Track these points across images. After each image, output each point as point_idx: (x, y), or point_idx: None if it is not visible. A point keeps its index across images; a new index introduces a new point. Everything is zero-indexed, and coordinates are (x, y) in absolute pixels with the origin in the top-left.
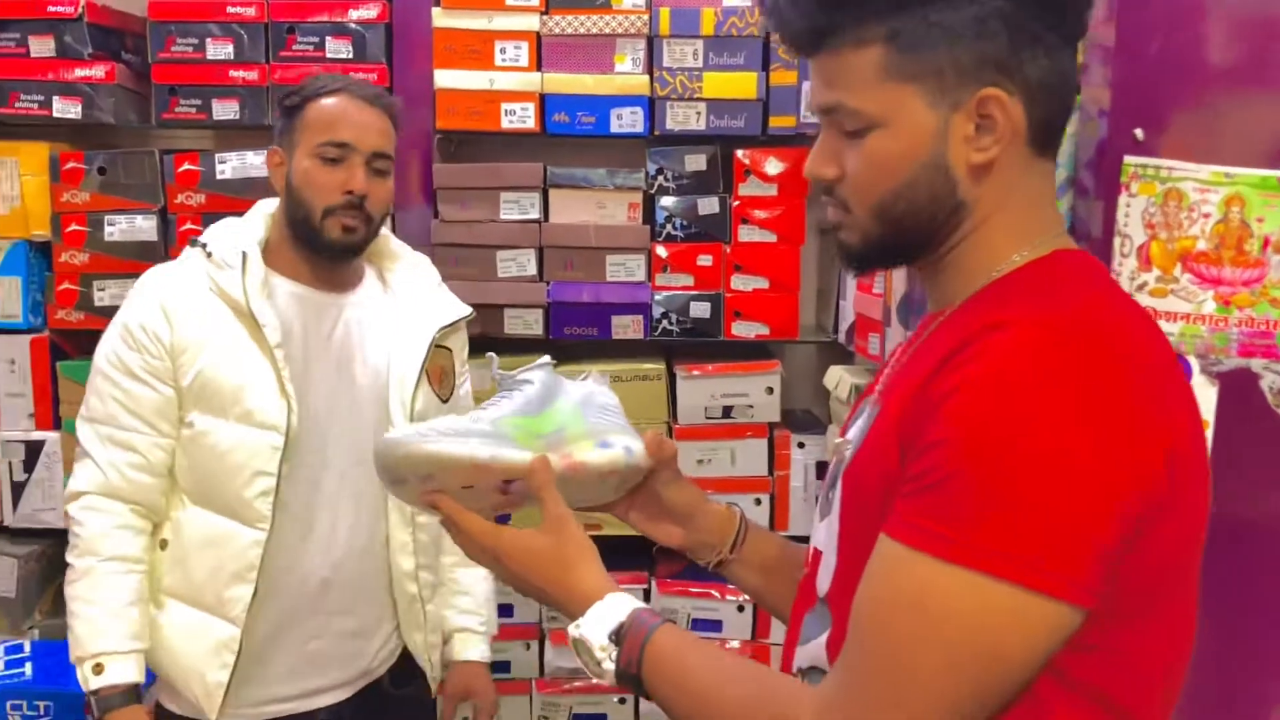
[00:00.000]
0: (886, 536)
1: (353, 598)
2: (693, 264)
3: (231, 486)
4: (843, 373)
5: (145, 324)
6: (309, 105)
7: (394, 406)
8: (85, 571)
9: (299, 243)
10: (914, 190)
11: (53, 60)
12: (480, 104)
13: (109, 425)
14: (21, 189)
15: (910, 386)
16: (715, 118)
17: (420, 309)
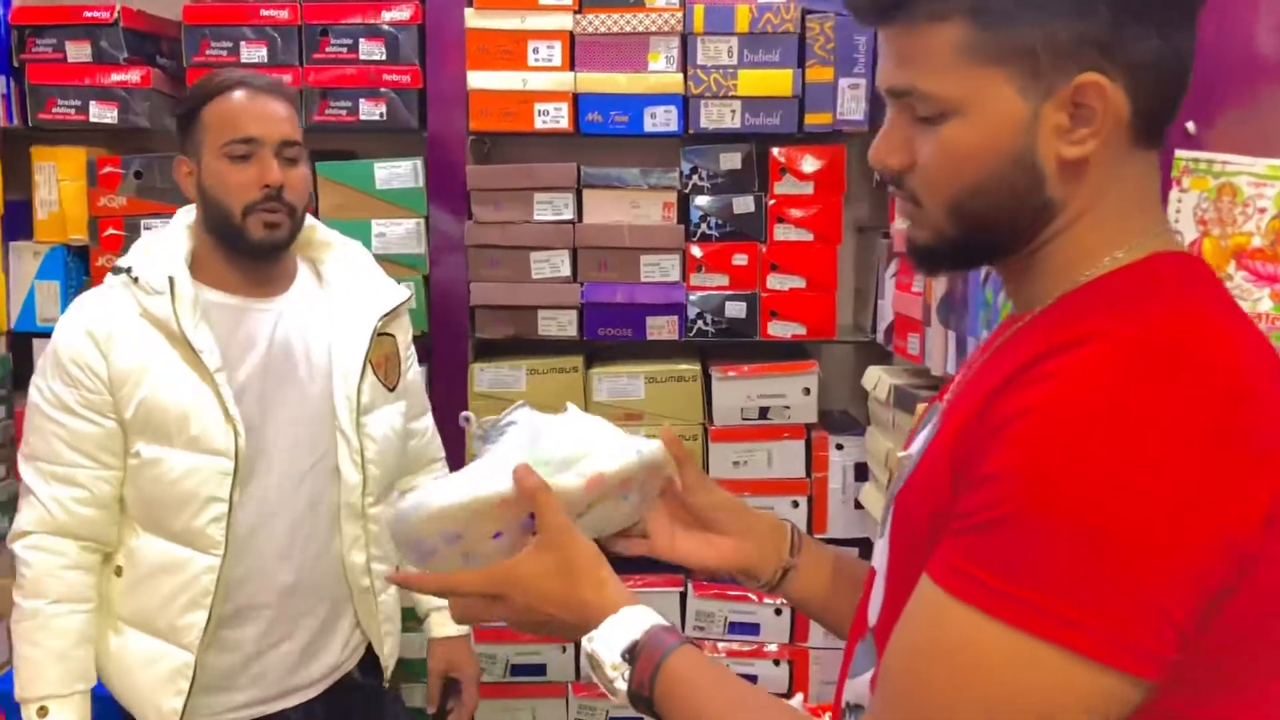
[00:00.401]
0: (929, 579)
1: (315, 598)
2: (728, 264)
3: (183, 514)
4: (881, 373)
5: (78, 358)
6: (206, 107)
7: (339, 402)
8: (32, 614)
9: (224, 249)
10: (994, 187)
11: (89, 65)
12: (513, 104)
13: (51, 462)
14: (59, 193)
15: (971, 405)
16: (750, 115)
17: (358, 298)
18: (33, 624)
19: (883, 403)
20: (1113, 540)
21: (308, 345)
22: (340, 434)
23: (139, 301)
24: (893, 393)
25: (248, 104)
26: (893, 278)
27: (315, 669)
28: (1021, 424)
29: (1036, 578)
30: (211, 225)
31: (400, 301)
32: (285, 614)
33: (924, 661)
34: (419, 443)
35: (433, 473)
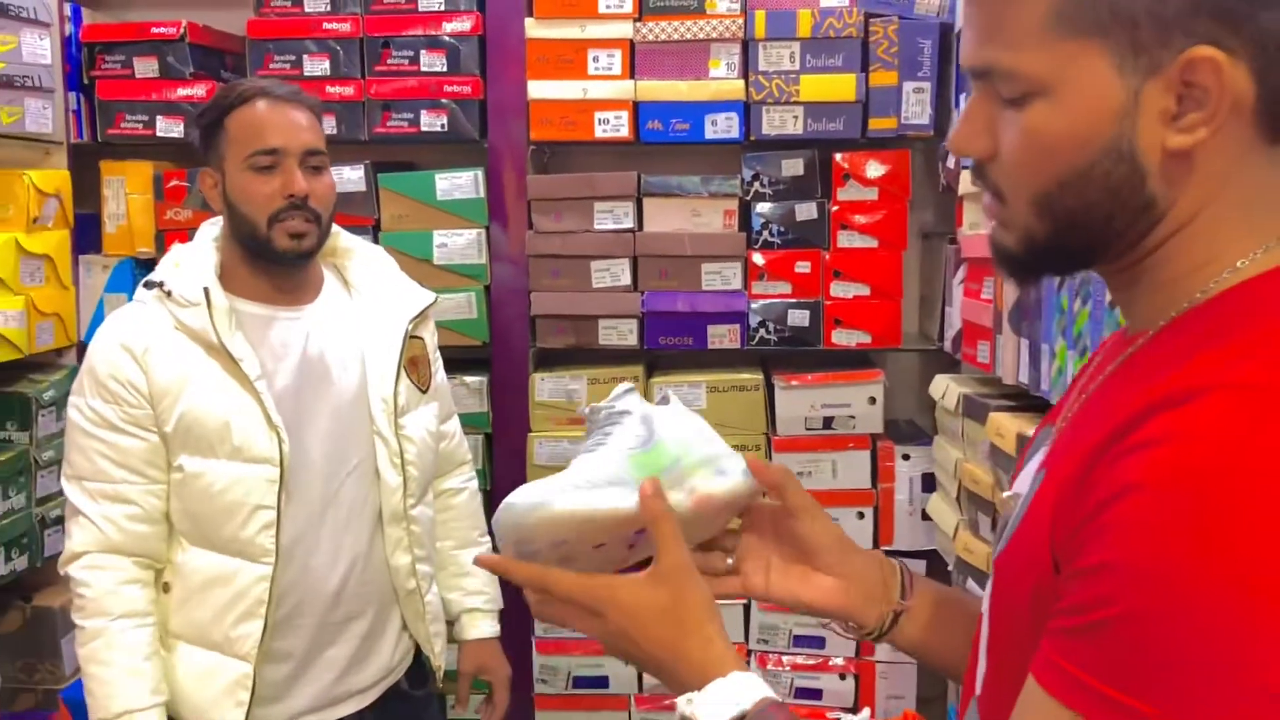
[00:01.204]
0: (1034, 681)
1: (362, 601)
2: (790, 271)
3: (230, 525)
4: (949, 382)
5: (117, 374)
6: (229, 118)
7: (375, 405)
8: (97, 632)
9: (252, 259)
10: (1087, 181)
11: (156, 81)
12: (574, 113)
13: (98, 480)
14: (127, 207)
15: (1075, 461)
16: (813, 121)
17: (387, 302)
18: (100, 643)
19: (951, 412)
20: (1251, 645)
21: (340, 351)
22: (378, 437)
23: (173, 315)
24: (962, 402)
25: (270, 114)
26: (960, 284)
27: (367, 674)
28: (1129, 503)
29: (1159, 688)
30: (238, 236)
31: (428, 304)
32: (333, 619)
33: None
34: (449, 445)
35: (461, 475)
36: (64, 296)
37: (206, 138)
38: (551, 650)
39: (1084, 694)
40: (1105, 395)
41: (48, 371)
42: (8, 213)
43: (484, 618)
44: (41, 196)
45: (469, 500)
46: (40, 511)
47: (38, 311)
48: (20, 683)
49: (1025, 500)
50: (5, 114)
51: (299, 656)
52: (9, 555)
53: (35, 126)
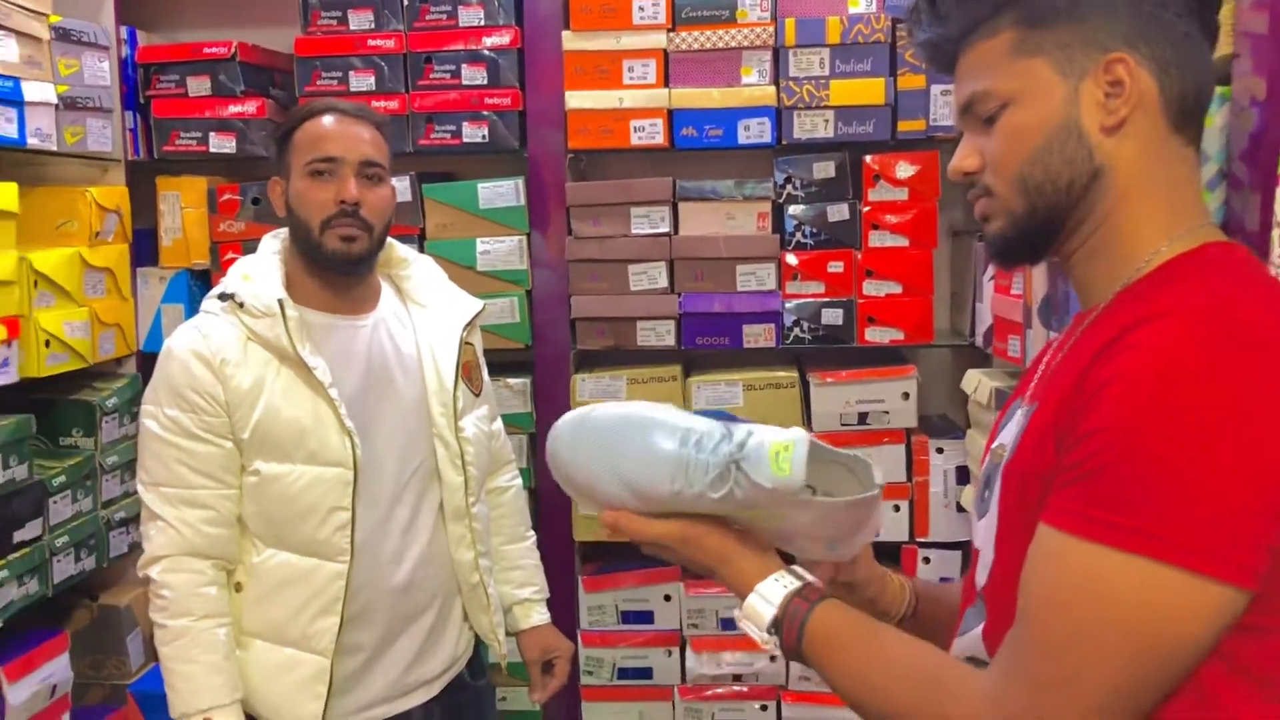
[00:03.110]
0: (1046, 525)
1: (428, 595)
2: (823, 271)
3: (306, 525)
4: (981, 376)
5: (197, 386)
6: (298, 130)
7: (434, 409)
8: (181, 631)
9: (313, 268)
10: (1050, 155)
11: (208, 99)
12: (610, 122)
13: (177, 486)
14: (183, 221)
15: (1066, 381)
16: (843, 124)
17: (441, 311)
18: (184, 642)
19: (984, 405)
20: (1208, 472)
21: (400, 357)
22: (438, 439)
23: (246, 325)
24: (994, 395)
25: (333, 127)
26: (990, 281)
27: (433, 664)
28: (1115, 385)
29: (1147, 509)
30: (296, 242)
31: (478, 311)
32: (400, 614)
33: (1056, 597)
34: (496, 444)
35: (508, 473)
36: (124, 307)
37: (279, 149)
38: (596, 642)
39: (1090, 523)
40: (1078, 346)
41: (109, 380)
42: (72, 228)
43: (536, 607)
44: (102, 212)
45: (515, 497)
46: (106, 514)
47: (100, 322)
48: (89, 678)
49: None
50: (69, 134)
51: (370, 649)
52: (78, 556)
53: (96, 145)
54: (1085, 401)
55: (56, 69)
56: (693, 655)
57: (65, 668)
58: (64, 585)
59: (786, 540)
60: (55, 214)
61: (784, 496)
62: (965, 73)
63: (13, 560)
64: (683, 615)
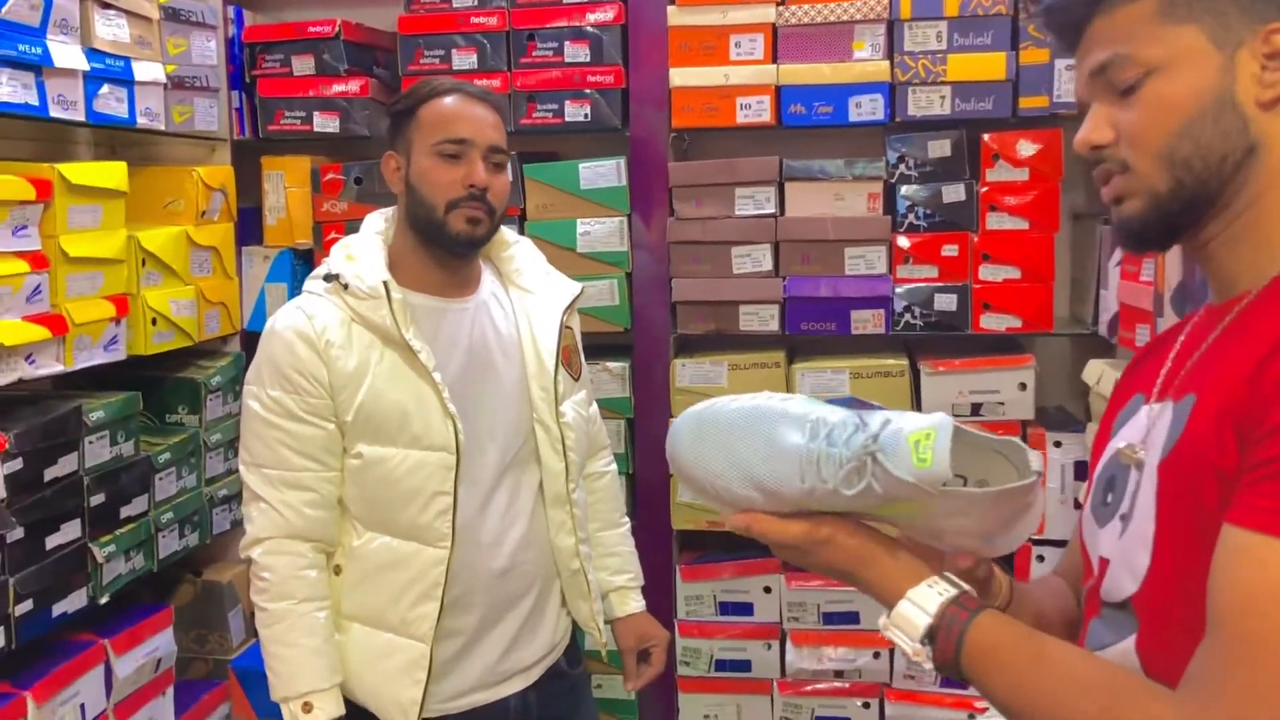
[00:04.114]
0: (1235, 526)
1: (527, 581)
2: (937, 254)
3: (408, 510)
4: (1104, 367)
5: (301, 367)
6: (422, 107)
7: (535, 394)
8: (282, 615)
9: (424, 247)
10: (1201, 127)
11: (312, 78)
12: (715, 99)
13: (279, 468)
14: (286, 200)
15: (1238, 373)
16: (961, 101)
17: (541, 295)
18: (285, 625)
19: (1105, 398)
20: None
21: (501, 341)
22: (539, 424)
23: (350, 307)
24: None
25: (462, 108)
26: (1117, 266)
27: (531, 651)
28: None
29: None
30: (413, 221)
31: (576, 294)
32: (499, 599)
33: (1255, 601)
34: (593, 429)
35: (604, 459)
36: (229, 286)
37: (397, 123)
38: (694, 633)
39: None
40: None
41: (214, 358)
42: (179, 207)
43: (632, 594)
44: (208, 191)
45: (610, 483)
46: (209, 491)
47: (206, 300)
48: (193, 652)
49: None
50: (177, 113)
51: (468, 635)
52: (182, 532)
53: (203, 124)
54: (1268, 397)
55: (165, 49)
56: (793, 649)
57: (169, 641)
58: (168, 560)
59: (936, 537)
60: (163, 193)
61: (928, 490)
62: (1098, 37)
63: (120, 535)
64: (783, 608)
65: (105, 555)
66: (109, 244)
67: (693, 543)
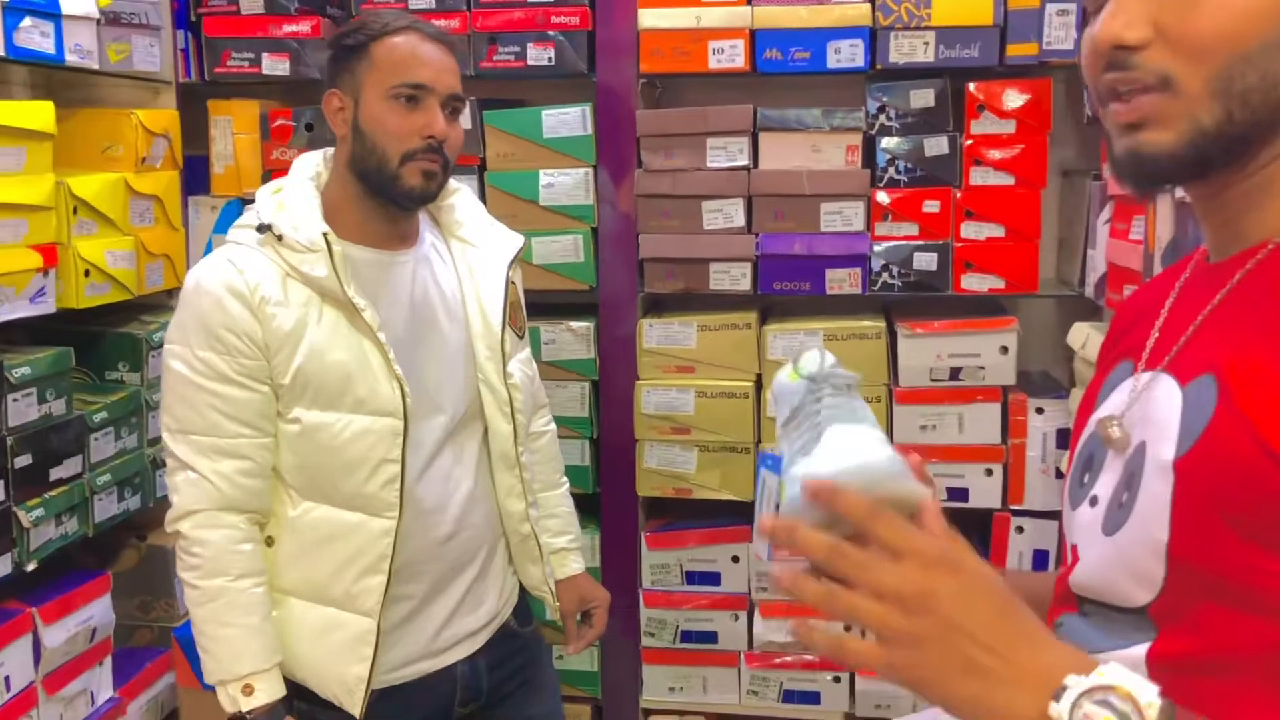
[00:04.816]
0: None
1: (475, 546)
2: (918, 211)
3: (353, 478)
4: (1090, 330)
5: (233, 325)
6: (375, 44)
7: (480, 354)
8: (217, 592)
9: (368, 197)
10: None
11: (261, 17)
12: (686, 43)
13: (210, 435)
14: (234, 147)
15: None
16: (945, 48)
17: (484, 247)
18: (221, 603)
19: (1091, 363)
20: None
21: (444, 297)
22: (485, 385)
23: (285, 260)
24: None
25: (420, 49)
26: (1106, 224)
27: (476, 617)
28: None
29: None
30: (359, 169)
31: (521, 247)
32: (445, 566)
33: None
34: (535, 387)
35: (543, 418)
36: (173, 237)
37: (342, 60)
38: (660, 603)
39: None
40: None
41: (157, 313)
42: (117, 152)
43: (573, 555)
44: (149, 136)
45: (550, 443)
46: (152, 452)
47: (147, 252)
48: (137, 619)
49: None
50: (113, 52)
51: (413, 605)
52: (122, 494)
53: (143, 65)
54: None
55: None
56: (761, 621)
57: (106, 610)
58: (106, 525)
59: None
60: (99, 138)
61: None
62: None
63: (50, 499)
64: (751, 578)
65: (33, 519)
66: (34, 190)
67: (659, 509)
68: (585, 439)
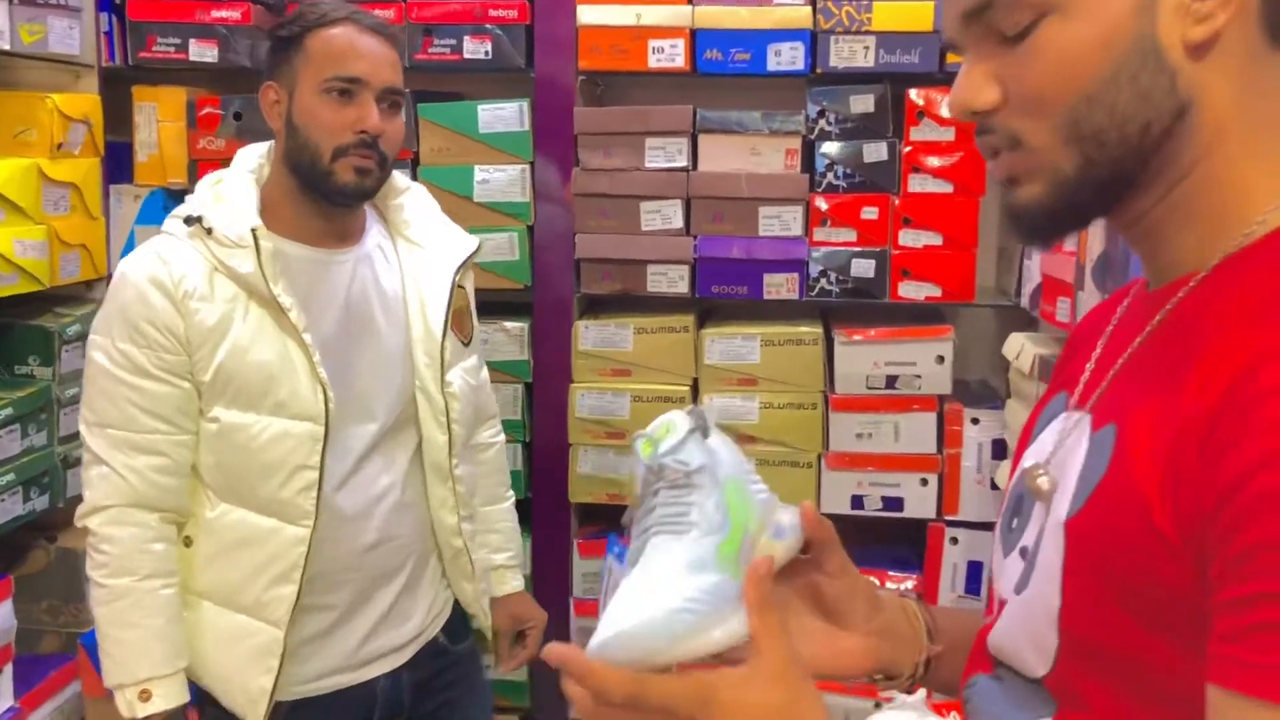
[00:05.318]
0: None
1: (401, 557)
2: (856, 217)
3: (269, 483)
4: (1025, 341)
5: (153, 318)
6: (310, 35)
7: (419, 359)
8: (123, 592)
9: (302, 192)
10: (1117, 87)
11: (189, 2)
12: (626, 41)
13: (124, 429)
14: (159, 135)
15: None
16: (886, 53)
17: (433, 249)
18: (126, 603)
19: (1025, 375)
20: None
21: (384, 299)
22: (421, 392)
23: (213, 254)
24: (1037, 363)
25: (357, 41)
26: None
27: (402, 631)
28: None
29: None
30: (294, 163)
31: (473, 251)
32: (368, 576)
33: None
34: (481, 397)
35: (491, 429)
36: (92, 227)
37: (279, 51)
38: (592, 612)
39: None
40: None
41: (73, 305)
42: (30, 137)
43: (512, 573)
44: (66, 121)
45: (498, 455)
46: (63, 450)
47: (61, 242)
48: (44, 624)
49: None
50: (25, 32)
51: (331, 617)
52: (28, 494)
53: (60, 47)
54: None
55: None
56: None
57: (7, 616)
58: (9, 526)
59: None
60: (12, 122)
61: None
62: None
63: None
64: None
65: None
66: None
67: (592, 516)
68: (518, 443)
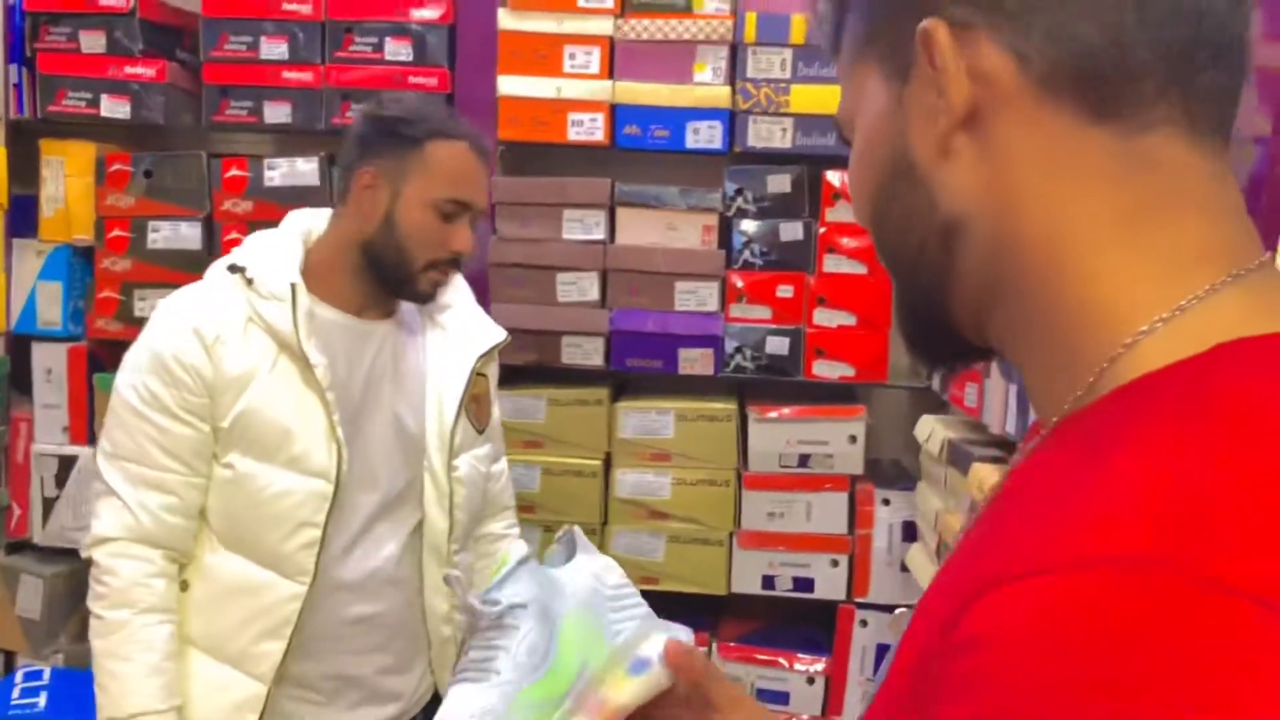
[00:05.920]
0: None
1: (390, 634)
2: (771, 295)
3: (271, 536)
4: (935, 424)
5: (182, 357)
6: (434, 143)
7: (430, 440)
8: (119, 625)
9: (367, 273)
10: (887, 211)
11: (102, 57)
12: (546, 113)
13: (140, 464)
14: (66, 190)
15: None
16: (803, 135)
17: (458, 334)
18: (121, 636)
19: (935, 457)
20: None
21: (405, 375)
22: (428, 473)
23: (251, 305)
24: (946, 447)
25: (474, 166)
26: None
27: (385, 711)
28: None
29: None
30: (375, 253)
31: (499, 341)
32: (355, 648)
33: None
34: (495, 487)
35: (504, 520)
36: None
37: (390, 143)
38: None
39: None
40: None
41: None
42: None
43: None
44: None
45: None
46: None
47: None
48: None
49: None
50: None
51: (314, 684)
52: None
53: None
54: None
55: None
56: None
57: None
58: None
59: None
60: None
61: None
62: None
63: None
64: None
65: None
66: None
67: None
68: None
